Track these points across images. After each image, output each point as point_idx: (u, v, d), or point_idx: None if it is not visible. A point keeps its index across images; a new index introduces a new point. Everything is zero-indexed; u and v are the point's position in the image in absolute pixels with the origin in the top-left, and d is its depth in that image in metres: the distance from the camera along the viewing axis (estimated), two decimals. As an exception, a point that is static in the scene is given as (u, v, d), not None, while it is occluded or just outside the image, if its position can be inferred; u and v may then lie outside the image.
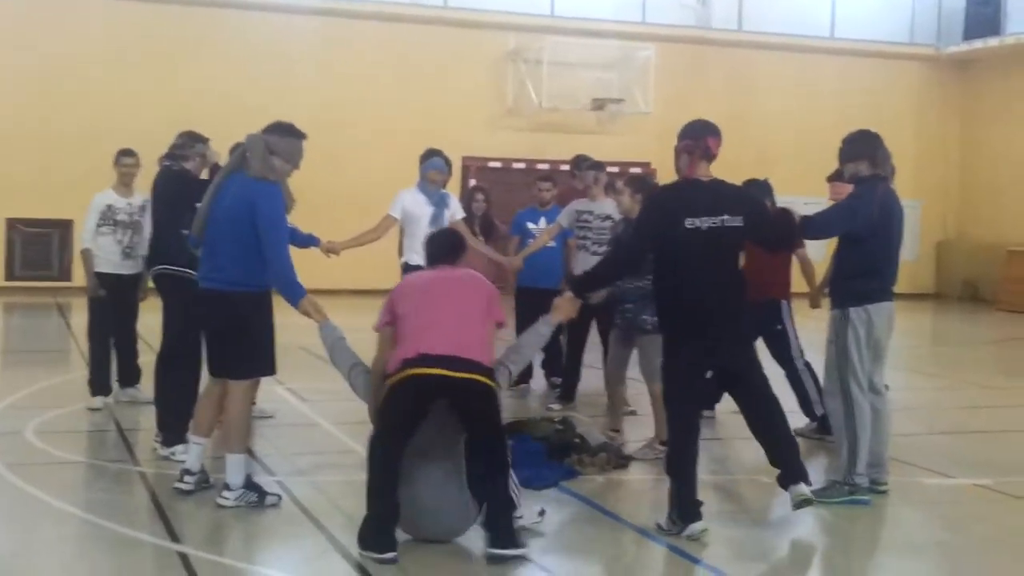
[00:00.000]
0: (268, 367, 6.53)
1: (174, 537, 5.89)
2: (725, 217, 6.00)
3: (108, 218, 9.25)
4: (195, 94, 19.25)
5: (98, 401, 9.16)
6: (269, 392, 8.92)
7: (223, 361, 6.45)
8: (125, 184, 9.39)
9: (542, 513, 6.12)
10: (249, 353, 6.38)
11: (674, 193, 6.18)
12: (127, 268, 9.26)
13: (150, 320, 8.84)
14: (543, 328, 6.33)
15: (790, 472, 6.18)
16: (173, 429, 7.43)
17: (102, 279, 9.23)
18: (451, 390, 5.61)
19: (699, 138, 6.16)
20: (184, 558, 5.55)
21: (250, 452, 6.93)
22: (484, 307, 5.90)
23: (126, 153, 9.46)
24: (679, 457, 6.02)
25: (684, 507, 5.95)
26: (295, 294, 6.22)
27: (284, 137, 6.37)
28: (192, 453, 6.62)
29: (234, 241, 6.26)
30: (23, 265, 19.75)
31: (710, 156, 6.17)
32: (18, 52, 19.52)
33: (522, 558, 5.54)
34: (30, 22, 19.62)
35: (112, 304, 9.26)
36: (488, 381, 5.69)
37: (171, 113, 16.43)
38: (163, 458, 7.42)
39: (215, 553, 5.73)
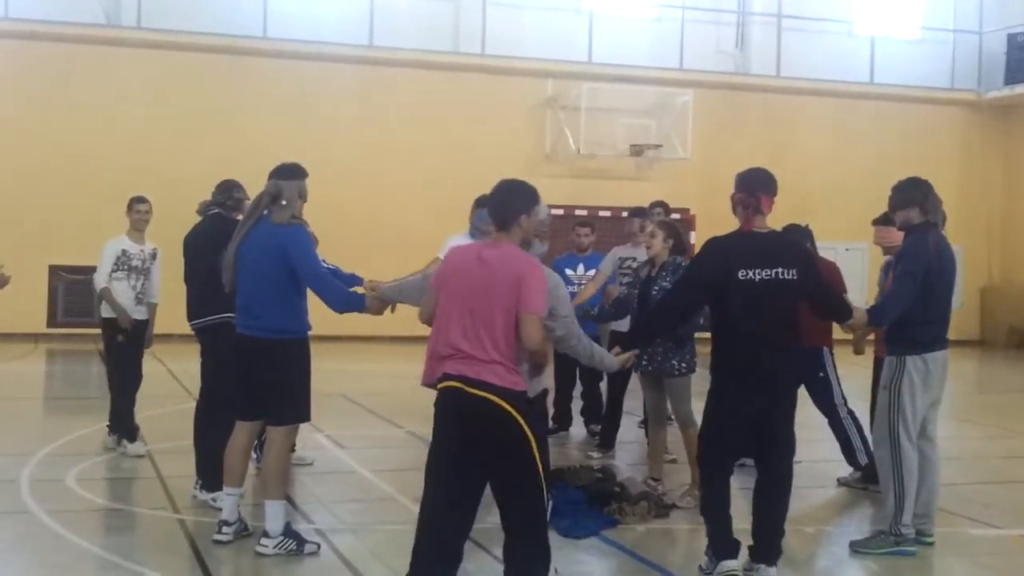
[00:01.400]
0: (304, 414, 6.54)
1: (212, 585, 5.88)
2: (779, 270, 5.96)
3: (123, 264, 9.31)
4: (236, 142, 19.41)
5: (140, 448, 9.17)
6: (308, 439, 8.91)
7: (261, 407, 6.46)
8: (138, 230, 9.48)
9: (555, 572, 5.90)
10: (287, 400, 6.38)
11: (725, 244, 6.11)
12: (139, 314, 9.32)
13: (190, 367, 8.86)
14: (605, 362, 6.15)
15: (764, 551, 6.04)
16: (214, 475, 7.39)
17: (116, 325, 9.26)
18: (469, 413, 4.84)
19: (753, 194, 6.14)
20: (223, 607, 5.54)
21: (289, 499, 6.90)
22: (510, 299, 4.93)
23: (140, 200, 9.53)
24: (712, 500, 6.10)
25: (718, 545, 6.01)
26: (357, 306, 6.22)
27: (301, 179, 6.46)
28: (227, 504, 6.61)
29: (270, 288, 6.29)
30: (65, 312, 19.92)
31: (762, 212, 6.15)
32: (62, 101, 19.82)
33: None
34: (74, 72, 19.93)
35: (127, 350, 9.30)
36: (508, 408, 4.84)
37: (211, 162, 16.59)
38: (202, 504, 7.43)
39: (253, 602, 5.71)
